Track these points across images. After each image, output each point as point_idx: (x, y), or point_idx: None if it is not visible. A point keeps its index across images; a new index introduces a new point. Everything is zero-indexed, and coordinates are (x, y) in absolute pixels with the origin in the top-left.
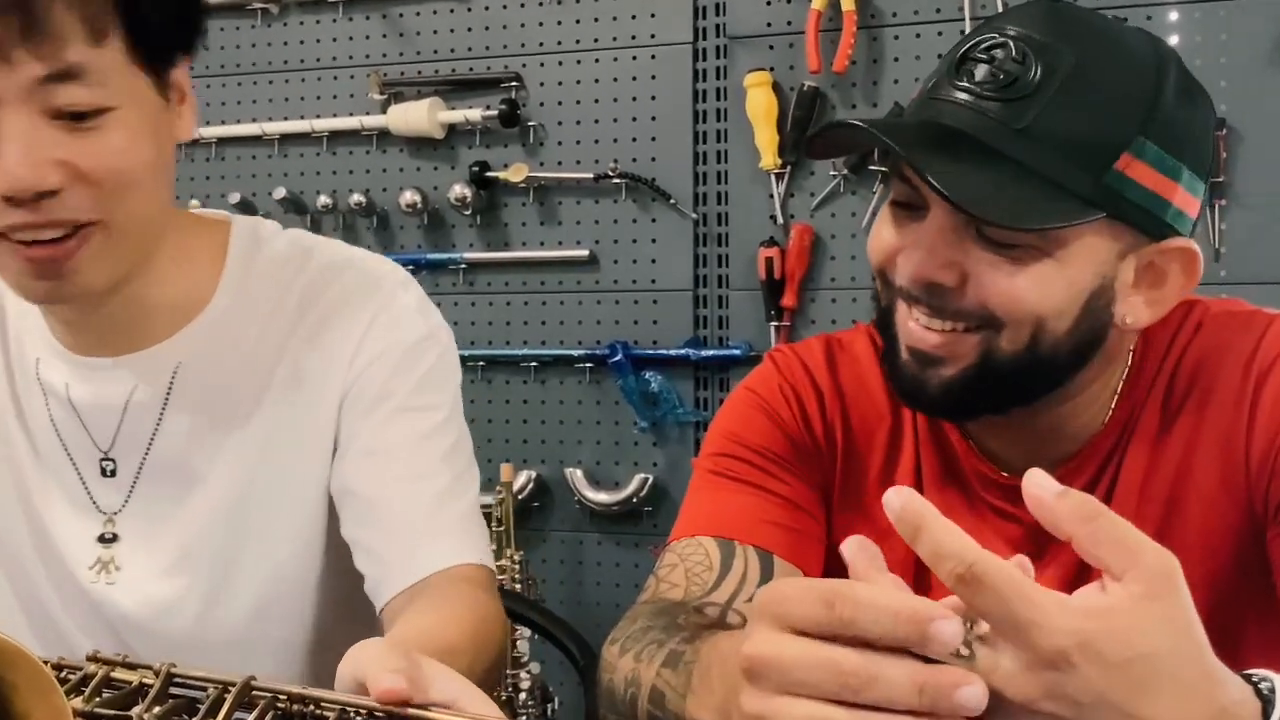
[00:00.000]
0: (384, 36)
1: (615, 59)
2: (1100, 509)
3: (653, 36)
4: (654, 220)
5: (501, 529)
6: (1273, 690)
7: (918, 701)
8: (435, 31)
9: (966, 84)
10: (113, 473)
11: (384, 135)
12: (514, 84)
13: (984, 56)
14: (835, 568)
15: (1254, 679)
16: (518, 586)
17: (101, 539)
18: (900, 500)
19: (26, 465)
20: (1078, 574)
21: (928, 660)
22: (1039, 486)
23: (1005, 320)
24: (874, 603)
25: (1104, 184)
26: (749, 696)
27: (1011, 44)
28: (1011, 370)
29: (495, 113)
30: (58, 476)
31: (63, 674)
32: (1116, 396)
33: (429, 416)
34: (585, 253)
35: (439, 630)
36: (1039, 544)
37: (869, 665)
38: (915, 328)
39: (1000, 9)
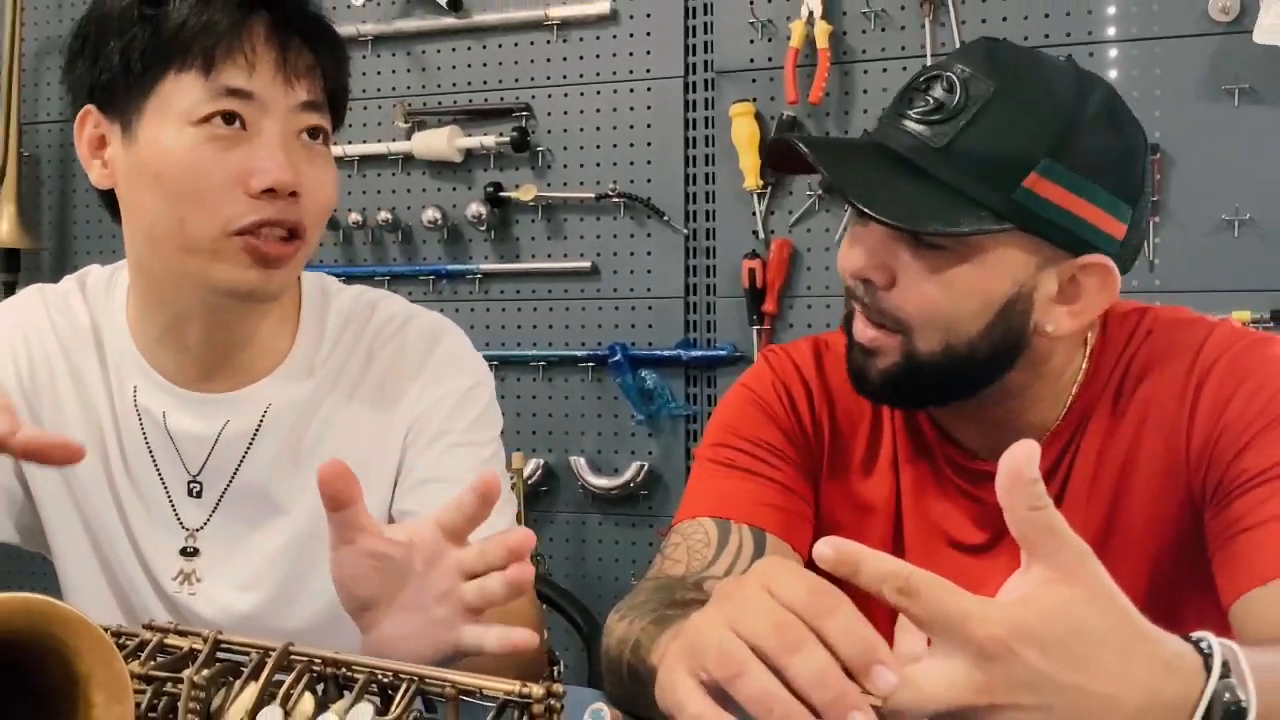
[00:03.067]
0: (408, 71)
1: (615, 91)
2: (1048, 501)
3: (648, 71)
4: (649, 235)
5: (514, 511)
6: (1210, 647)
7: (825, 692)
8: (454, 67)
9: (908, 110)
10: (199, 494)
11: (408, 159)
12: (524, 113)
13: (922, 86)
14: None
15: (1192, 638)
16: None
17: (184, 552)
18: (832, 549)
19: (121, 480)
20: None
21: None
22: (1019, 462)
23: (917, 325)
24: (848, 614)
25: (1014, 199)
26: (700, 616)
27: (947, 76)
28: (932, 367)
29: (508, 139)
30: (148, 492)
31: (121, 640)
32: (1074, 391)
33: (478, 451)
34: (588, 264)
35: None
36: (1003, 521)
37: (807, 636)
38: (859, 325)
39: (958, 45)
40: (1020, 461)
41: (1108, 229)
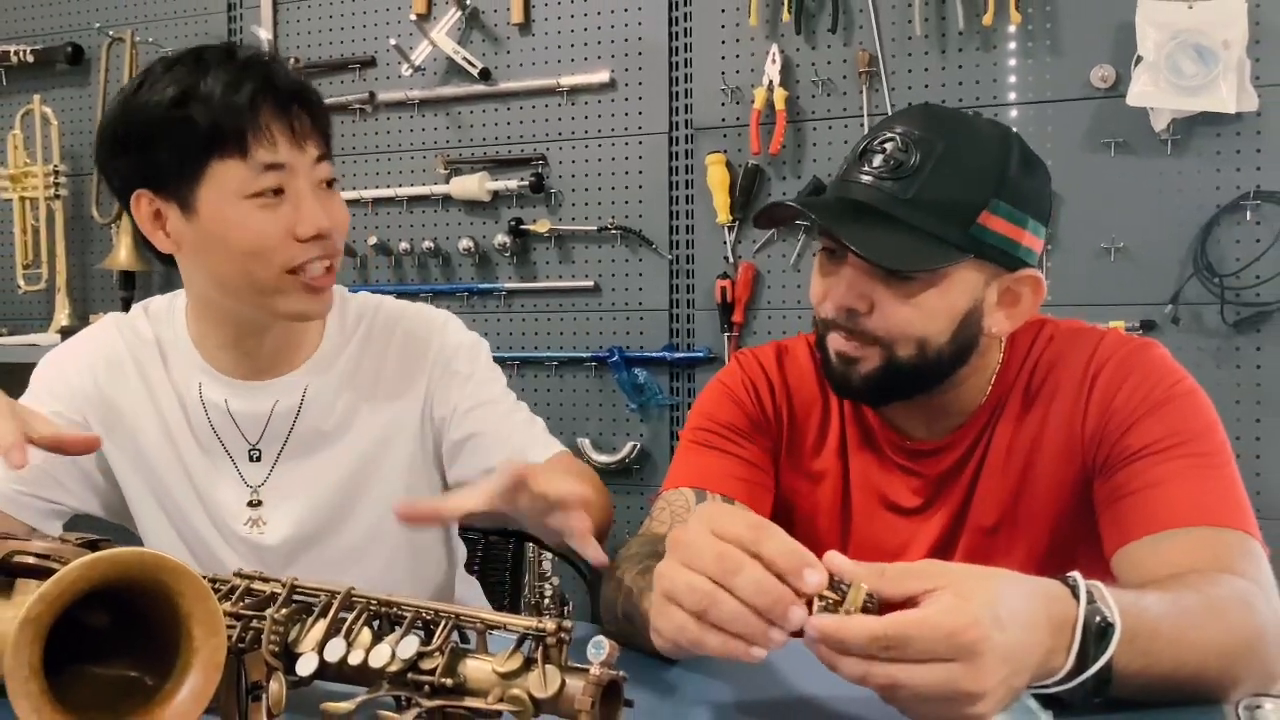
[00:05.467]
0: (447, 128)
1: (613, 144)
2: (881, 568)
3: (640, 128)
4: (640, 259)
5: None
6: (1075, 580)
7: (762, 599)
8: (484, 125)
9: (868, 168)
10: (258, 458)
11: (447, 199)
12: (540, 162)
13: (879, 148)
14: (779, 510)
15: (1059, 578)
16: None
17: (250, 504)
18: (818, 631)
19: (192, 455)
20: (961, 509)
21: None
22: (838, 626)
23: (896, 341)
24: (780, 535)
25: (970, 234)
26: (663, 562)
27: (899, 138)
28: (909, 371)
29: (527, 183)
30: (217, 461)
31: (215, 585)
32: (990, 386)
33: (498, 383)
34: (591, 283)
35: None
36: (934, 490)
37: (742, 559)
38: (836, 339)
39: (889, 110)
40: (824, 628)
41: (1033, 247)
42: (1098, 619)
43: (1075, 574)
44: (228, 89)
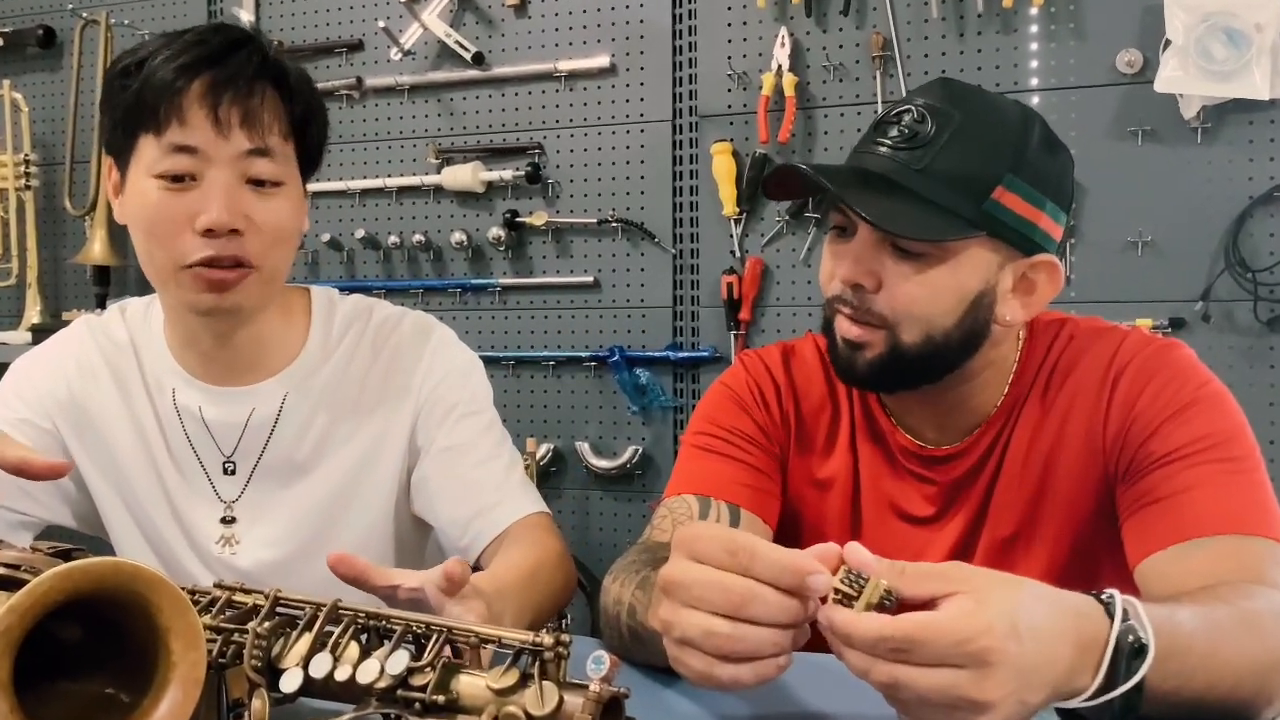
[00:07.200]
0: (439, 115)
1: (613, 132)
2: (902, 566)
3: (641, 115)
4: (642, 254)
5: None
6: (1112, 597)
7: (785, 617)
8: (478, 111)
9: (883, 139)
10: (232, 471)
11: (439, 190)
12: (537, 151)
13: (895, 119)
14: (786, 518)
15: (1093, 593)
16: None
17: (223, 520)
18: (827, 620)
19: (166, 467)
20: (977, 518)
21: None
22: (846, 621)
23: (902, 320)
24: (767, 555)
25: (984, 210)
26: (663, 607)
27: (914, 109)
28: (915, 355)
29: (523, 173)
30: (190, 475)
31: (195, 597)
32: (1008, 386)
33: (482, 417)
34: (590, 279)
35: (516, 562)
36: (948, 498)
37: (750, 588)
38: (843, 323)
39: (904, 93)
40: (833, 621)
41: (1051, 232)
42: (1131, 639)
43: (1113, 591)
44: (164, 63)
